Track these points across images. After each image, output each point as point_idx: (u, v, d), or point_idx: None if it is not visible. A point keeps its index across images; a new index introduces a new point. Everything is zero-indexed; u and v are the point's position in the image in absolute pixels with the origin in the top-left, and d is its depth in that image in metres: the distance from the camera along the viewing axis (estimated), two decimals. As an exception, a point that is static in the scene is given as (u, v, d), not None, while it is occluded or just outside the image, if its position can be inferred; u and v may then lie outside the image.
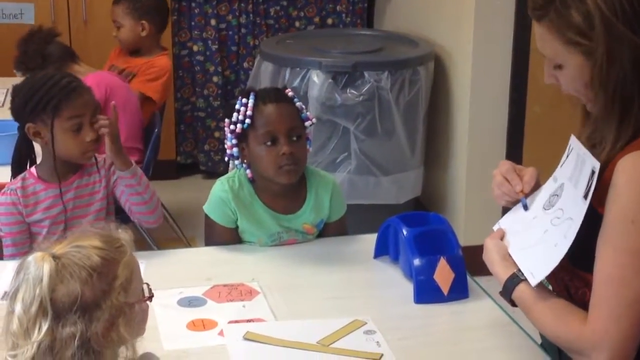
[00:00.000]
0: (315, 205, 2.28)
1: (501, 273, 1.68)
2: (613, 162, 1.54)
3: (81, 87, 2.34)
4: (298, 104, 2.23)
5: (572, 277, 1.65)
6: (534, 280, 1.61)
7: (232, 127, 2.20)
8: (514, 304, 1.67)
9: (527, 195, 1.76)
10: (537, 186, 1.79)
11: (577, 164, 1.64)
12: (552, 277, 1.68)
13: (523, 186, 1.77)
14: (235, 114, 2.20)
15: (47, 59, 3.49)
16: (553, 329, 1.60)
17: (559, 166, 1.73)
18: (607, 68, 1.52)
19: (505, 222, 1.79)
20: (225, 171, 2.32)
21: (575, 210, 1.58)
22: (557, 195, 1.68)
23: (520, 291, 1.64)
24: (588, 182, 1.56)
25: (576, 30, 1.53)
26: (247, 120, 2.18)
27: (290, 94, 2.25)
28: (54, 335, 1.36)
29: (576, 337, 1.55)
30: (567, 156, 1.71)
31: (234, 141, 2.22)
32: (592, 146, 1.63)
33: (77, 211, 2.37)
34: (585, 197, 1.56)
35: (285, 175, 2.18)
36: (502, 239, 1.75)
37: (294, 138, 2.19)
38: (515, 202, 1.79)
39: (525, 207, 1.76)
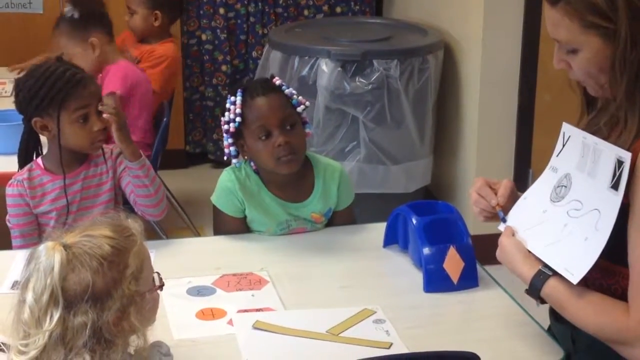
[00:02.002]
0: (323, 194, 2.27)
1: (525, 271, 1.66)
2: (634, 149, 1.52)
3: (85, 78, 2.32)
4: (287, 91, 2.20)
5: (592, 268, 1.63)
6: (574, 278, 1.57)
7: (225, 126, 2.20)
8: (542, 301, 1.65)
9: (503, 208, 1.78)
10: (513, 196, 1.80)
11: (585, 153, 1.62)
12: None
13: (498, 199, 1.79)
14: (227, 113, 2.19)
15: None
16: (596, 323, 1.58)
17: (555, 155, 1.72)
18: (630, 51, 1.50)
19: (511, 220, 1.78)
20: (233, 161, 2.32)
21: (602, 202, 1.56)
22: (565, 187, 1.67)
23: (550, 288, 1.62)
24: (615, 173, 1.54)
25: (597, 13, 1.51)
26: (238, 119, 2.17)
27: (278, 82, 2.22)
28: (65, 324, 1.37)
29: (621, 329, 1.54)
30: (564, 145, 1.69)
31: (230, 140, 2.21)
32: (595, 132, 1.62)
33: (85, 202, 2.36)
34: (615, 188, 1.53)
35: (285, 166, 2.17)
36: (513, 235, 1.73)
37: (288, 127, 2.17)
38: (496, 216, 1.81)
39: (504, 220, 1.77)
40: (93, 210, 2.34)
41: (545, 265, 1.64)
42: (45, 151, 2.42)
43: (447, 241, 2.00)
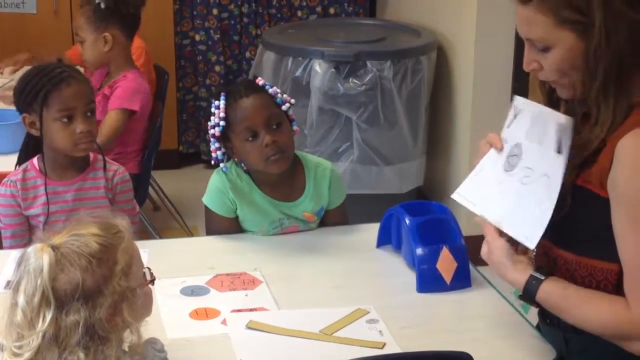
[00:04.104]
0: (315, 193, 2.27)
1: (518, 278, 1.65)
2: (611, 144, 1.53)
3: (72, 77, 2.29)
4: (271, 90, 2.20)
5: (577, 267, 1.64)
6: (531, 244, 1.61)
7: (211, 131, 2.20)
8: (537, 305, 1.66)
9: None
10: None
11: (535, 123, 1.66)
12: (556, 268, 1.67)
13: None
14: (212, 118, 2.19)
15: None
16: (597, 323, 1.58)
17: (505, 127, 1.75)
18: (605, 44, 1.51)
19: (470, 194, 1.79)
20: (226, 161, 2.32)
21: (549, 166, 1.61)
22: (516, 156, 1.70)
23: (544, 292, 1.62)
24: (557, 136, 1.58)
25: (572, 7, 1.51)
26: (222, 122, 2.17)
27: (261, 82, 2.22)
28: (58, 324, 1.37)
29: (624, 324, 1.54)
30: (515, 116, 1.72)
31: (217, 144, 2.21)
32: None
33: (76, 213, 2.31)
34: (559, 151, 1.58)
35: (275, 165, 2.17)
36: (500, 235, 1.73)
37: (274, 126, 2.17)
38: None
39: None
40: None
41: (536, 270, 1.64)
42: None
43: (440, 241, 2.01)
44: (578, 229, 1.62)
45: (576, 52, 1.55)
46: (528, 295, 1.64)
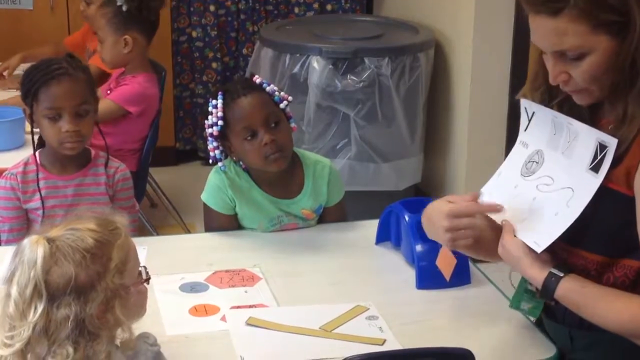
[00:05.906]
0: (313, 191, 2.27)
1: (537, 275, 1.63)
2: (638, 143, 1.52)
3: (67, 75, 2.28)
4: (268, 88, 2.20)
5: (593, 264, 1.63)
6: (538, 249, 1.60)
7: (209, 130, 2.19)
8: (556, 303, 1.64)
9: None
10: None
11: (557, 131, 1.64)
12: (575, 267, 1.67)
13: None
14: (209, 117, 2.19)
15: None
16: (616, 321, 1.57)
17: (522, 130, 1.74)
18: None
19: (486, 196, 1.78)
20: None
21: (578, 182, 1.58)
22: (536, 162, 1.69)
23: (564, 289, 1.60)
24: (595, 155, 1.56)
25: (609, 9, 1.48)
26: (220, 122, 2.17)
27: (258, 80, 2.22)
28: (49, 317, 1.38)
29: None
30: (530, 120, 1.71)
31: (215, 143, 2.21)
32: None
33: (75, 209, 2.31)
34: (595, 170, 1.56)
35: (274, 164, 2.17)
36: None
37: (272, 125, 2.16)
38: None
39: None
40: None
41: (555, 266, 1.62)
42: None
43: (439, 238, 2.01)
44: (598, 228, 1.60)
45: (611, 54, 1.52)
46: (547, 292, 1.62)
